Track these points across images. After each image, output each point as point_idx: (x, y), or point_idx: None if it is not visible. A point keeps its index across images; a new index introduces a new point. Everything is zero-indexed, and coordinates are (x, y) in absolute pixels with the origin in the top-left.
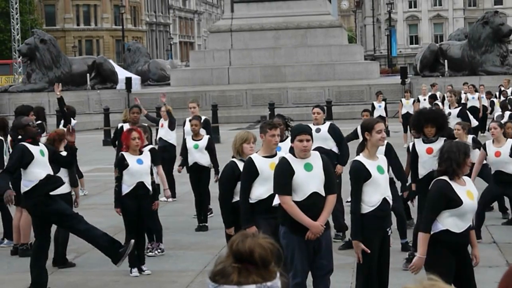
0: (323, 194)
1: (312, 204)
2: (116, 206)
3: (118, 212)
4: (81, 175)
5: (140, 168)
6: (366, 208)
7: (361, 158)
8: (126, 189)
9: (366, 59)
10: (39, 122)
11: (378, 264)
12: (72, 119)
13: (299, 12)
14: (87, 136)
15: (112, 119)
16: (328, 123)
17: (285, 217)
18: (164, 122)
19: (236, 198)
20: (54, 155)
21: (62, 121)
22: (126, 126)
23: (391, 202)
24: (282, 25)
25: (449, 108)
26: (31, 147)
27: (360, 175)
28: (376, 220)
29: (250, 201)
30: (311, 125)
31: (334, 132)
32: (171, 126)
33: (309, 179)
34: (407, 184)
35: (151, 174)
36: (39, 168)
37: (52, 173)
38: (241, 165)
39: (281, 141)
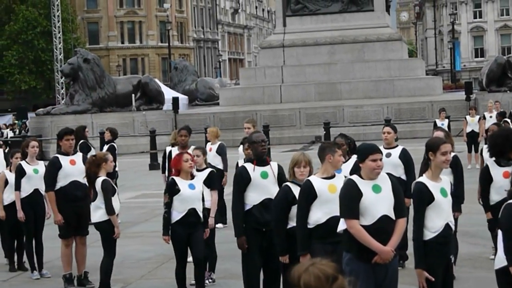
0: (393, 218)
1: (381, 228)
2: (164, 234)
3: (166, 240)
4: None
5: (192, 193)
6: (429, 234)
7: (424, 179)
8: (176, 216)
9: (427, 74)
10: (83, 141)
11: None
12: (115, 143)
13: (355, 25)
14: (132, 160)
15: (158, 141)
16: (400, 148)
17: (351, 243)
18: (212, 146)
19: (291, 223)
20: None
21: (106, 147)
22: (175, 150)
23: (453, 228)
24: (337, 39)
25: None
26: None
27: (424, 198)
28: (439, 247)
29: (308, 226)
30: (380, 147)
31: (405, 158)
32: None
33: (378, 201)
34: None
35: (203, 200)
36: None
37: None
38: (294, 188)
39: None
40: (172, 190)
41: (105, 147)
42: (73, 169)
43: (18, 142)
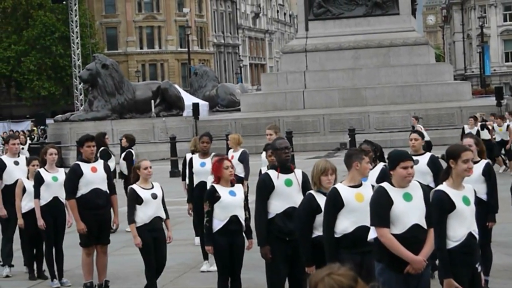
0: (425, 227)
1: (413, 237)
2: (207, 244)
3: (209, 250)
4: None
5: (233, 200)
6: (450, 243)
7: (444, 187)
8: (218, 224)
9: (456, 79)
10: (103, 148)
11: None
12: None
13: (380, 29)
14: (153, 167)
15: (179, 148)
16: (428, 155)
17: (383, 252)
18: (234, 154)
19: (316, 233)
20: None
21: (123, 154)
22: (196, 157)
23: (477, 237)
24: (362, 43)
25: None
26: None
27: (444, 206)
28: (463, 257)
29: (335, 236)
30: None
31: (434, 165)
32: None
33: (409, 210)
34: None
35: (245, 209)
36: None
37: None
38: (318, 197)
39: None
40: (212, 197)
41: (123, 154)
42: (94, 176)
43: (36, 149)
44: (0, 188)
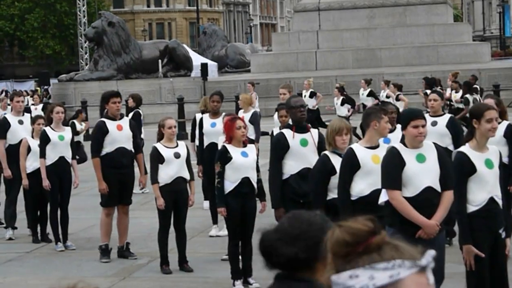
0: (439, 190)
1: (426, 201)
2: (219, 206)
3: (222, 212)
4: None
5: (245, 161)
6: (470, 207)
7: (466, 149)
8: (229, 186)
9: (474, 40)
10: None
11: (492, 272)
12: (138, 110)
13: None
14: None
15: (187, 110)
16: (447, 116)
17: (394, 216)
18: (245, 114)
19: (331, 195)
20: None
21: (131, 114)
22: (206, 117)
23: (500, 202)
24: (377, 2)
25: None
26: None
27: (464, 169)
28: (483, 221)
29: (351, 198)
30: (427, 116)
31: (453, 127)
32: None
33: (422, 171)
34: None
35: (257, 170)
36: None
37: None
38: (333, 158)
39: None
40: (223, 158)
41: (130, 115)
42: (120, 135)
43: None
44: (4, 147)
